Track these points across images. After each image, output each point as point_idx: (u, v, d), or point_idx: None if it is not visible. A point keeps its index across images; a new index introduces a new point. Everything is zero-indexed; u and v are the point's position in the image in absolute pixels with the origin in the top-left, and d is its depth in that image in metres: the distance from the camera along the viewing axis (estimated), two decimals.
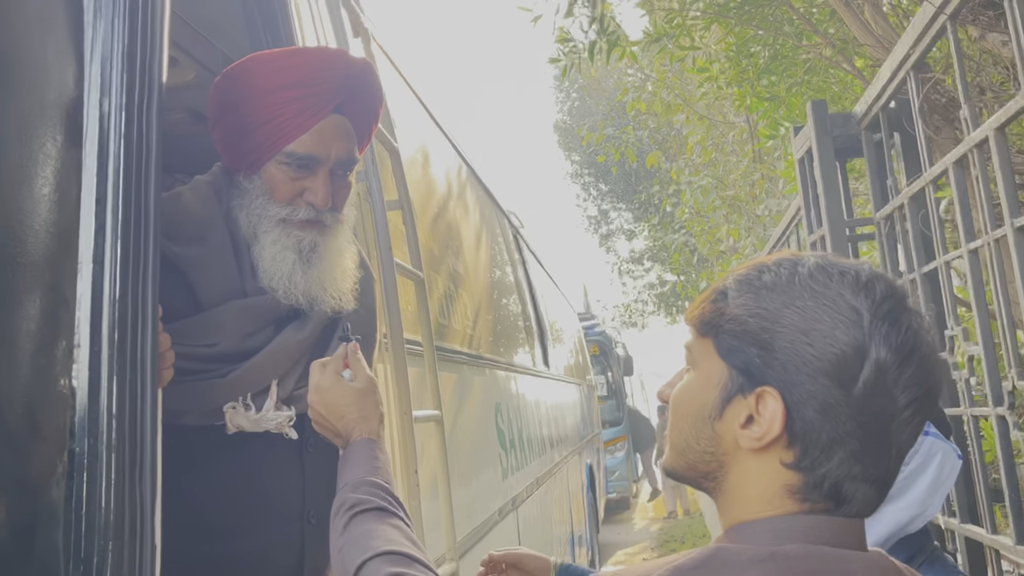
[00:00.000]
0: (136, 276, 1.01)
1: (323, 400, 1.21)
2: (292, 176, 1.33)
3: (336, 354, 1.26)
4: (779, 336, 0.74)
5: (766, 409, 0.75)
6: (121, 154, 1.02)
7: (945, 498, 2.22)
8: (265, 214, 1.33)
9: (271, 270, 1.33)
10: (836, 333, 0.73)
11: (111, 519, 0.94)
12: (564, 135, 20.13)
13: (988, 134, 1.65)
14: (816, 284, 0.75)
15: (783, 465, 0.75)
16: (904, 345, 0.74)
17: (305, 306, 1.34)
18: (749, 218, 8.00)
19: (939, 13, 1.75)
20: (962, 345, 1.95)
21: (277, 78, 1.33)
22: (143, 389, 1.00)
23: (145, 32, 1.09)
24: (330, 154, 1.34)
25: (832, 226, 2.52)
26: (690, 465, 0.82)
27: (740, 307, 0.78)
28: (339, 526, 1.08)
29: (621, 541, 10.07)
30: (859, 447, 0.73)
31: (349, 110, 1.39)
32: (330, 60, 1.40)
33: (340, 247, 1.39)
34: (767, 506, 0.76)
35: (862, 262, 0.79)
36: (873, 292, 0.75)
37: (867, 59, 3.63)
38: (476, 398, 3.30)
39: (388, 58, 2.87)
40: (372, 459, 1.16)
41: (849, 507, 0.76)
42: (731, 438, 0.78)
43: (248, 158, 1.34)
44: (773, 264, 0.79)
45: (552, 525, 5.01)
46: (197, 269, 1.31)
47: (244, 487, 1.37)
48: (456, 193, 3.75)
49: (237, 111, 1.34)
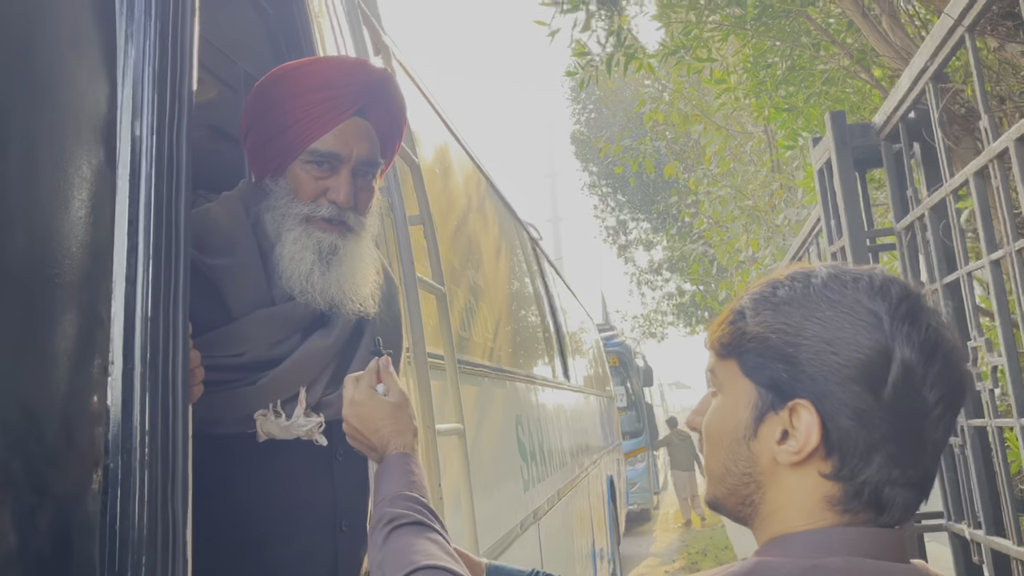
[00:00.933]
0: (167, 295, 1.03)
1: (357, 414, 1.23)
2: (316, 175, 1.37)
3: (369, 368, 1.28)
4: (804, 348, 0.75)
5: (800, 422, 0.75)
6: (152, 176, 1.05)
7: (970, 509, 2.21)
8: (289, 212, 1.37)
9: (289, 269, 1.35)
10: (859, 339, 0.73)
11: (144, 534, 0.96)
12: (581, 146, 20.15)
13: (1008, 145, 1.65)
14: (832, 293, 0.76)
15: (822, 476, 0.76)
16: (927, 343, 0.74)
17: (323, 307, 1.36)
18: (768, 228, 7.97)
19: (957, 24, 1.75)
20: (985, 355, 1.94)
21: (304, 82, 1.39)
22: (175, 406, 1.02)
23: (175, 55, 1.12)
24: (352, 153, 1.38)
25: (852, 237, 2.52)
26: (730, 491, 0.82)
27: (760, 324, 0.78)
28: (378, 540, 1.09)
29: (643, 553, 10.01)
30: (896, 450, 0.74)
31: (371, 115, 1.44)
32: (353, 65, 1.47)
33: (361, 252, 1.42)
34: (807, 519, 0.76)
35: (873, 267, 0.80)
36: (889, 295, 0.75)
37: (885, 69, 3.63)
38: (497, 410, 3.31)
39: (407, 73, 2.90)
40: (408, 473, 1.18)
41: (890, 514, 0.76)
42: (768, 456, 0.78)
43: (276, 160, 1.39)
44: (786, 279, 0.80)
45: (574, 537, 5.00)
46: (227, 279, 1.34)
47: (276, 497, 1.38)
48: (475, 206, 3.78)
49: (268, 116, 1.39)
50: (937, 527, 2.44)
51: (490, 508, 2.84)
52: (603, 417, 7.96)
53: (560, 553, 4.37)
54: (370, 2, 2.30)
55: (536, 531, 3.67)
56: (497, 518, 2.92)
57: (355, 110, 1.40)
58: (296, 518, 1.39)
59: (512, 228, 4.75)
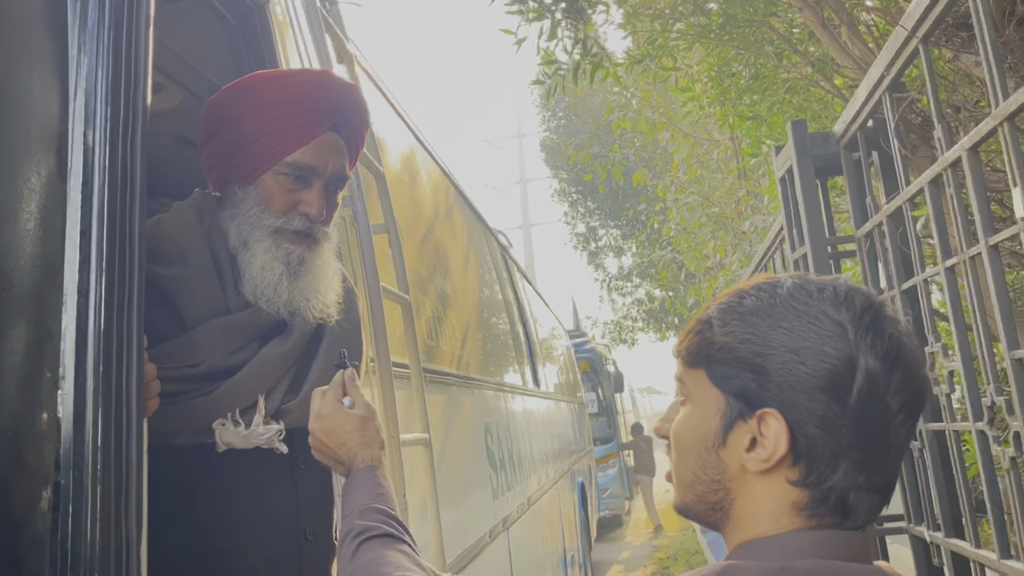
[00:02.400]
0: (121, 307, 1.02)
1: (324, 428, 1.22)
2: (289, 187, 1.38)
3: (334, 381, 1.28)
4: (771, 358, 0.77)
5: (769, 430, 0.76)
6: (106, 187, 1.04)
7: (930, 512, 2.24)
8: (260, 223, 1.37)
9: (258, 278, 1.36)
10: (825, 349, 0.75)
11: (96, 551, 0.95)
12: (551, 153, 20.22)
13: (961, 154, 1.68)
14: (797, 303, 0.78)
15: (789, 483, 0.77)
16: (890, 352, 0.76)
17: (286, 316, 1.37)
18: (735, 234, 8.05)
19: (912, 35, 1.78)
20: (942, 360, 1.97)
21: (276, 94, 1.39)
22: (128, 421, 1.01)
23: (129, 65, 1.11)
24: (327, 168, 1.40)
25: (814, 244, 2.55)
26: (699, 497, 0.83)
27: (728, 334, 0.79)
28: (348, 553, 1.09)
29: (614, 559, 10.03)
30: (861, 456, 0.76)
31: (343, 130, 1.46)
32: (328, 81, 1.48)
33: (325, 261, 1.44)
34: (775, 524, 0.78)
35: (836, 277, 0.81)
36: (853, 305, 0.77)
37: (846, 78, 3.69)
38: (465, 419, 3.30)
39: (373, 81, 2.90)
40: (377, 485, 1.18)
41: (855, 518, 0.78)
42: (737, 464, 0.79)
43: (244, 169, 1.38)
44: (752, 289, 0.81)
45: (544, 544, 5.00)
46: (180, 289, 1.33)
47: (238, 507, 1.37)
48: (443, 213, 3.77)
49: (236, 124, 1.39)
50: (898, 529, 2.48)
51: (458, 517, 2.84)
52: (574, 423, 7.98)
53: (530, 560, 4.37)
54: (333, 11, 2.30)
55: (506, 539, 3.66)
56: (465, 527, 2.91)
57: (330, 125, 1.42)
58: (259, 528, 1.38)
59: (481, 236, 4.75)
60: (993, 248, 1.63)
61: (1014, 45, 2.01)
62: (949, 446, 2.04)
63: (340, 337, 1.44)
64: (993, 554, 1.81)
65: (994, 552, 1.81)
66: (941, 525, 2.13)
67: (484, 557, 3.10)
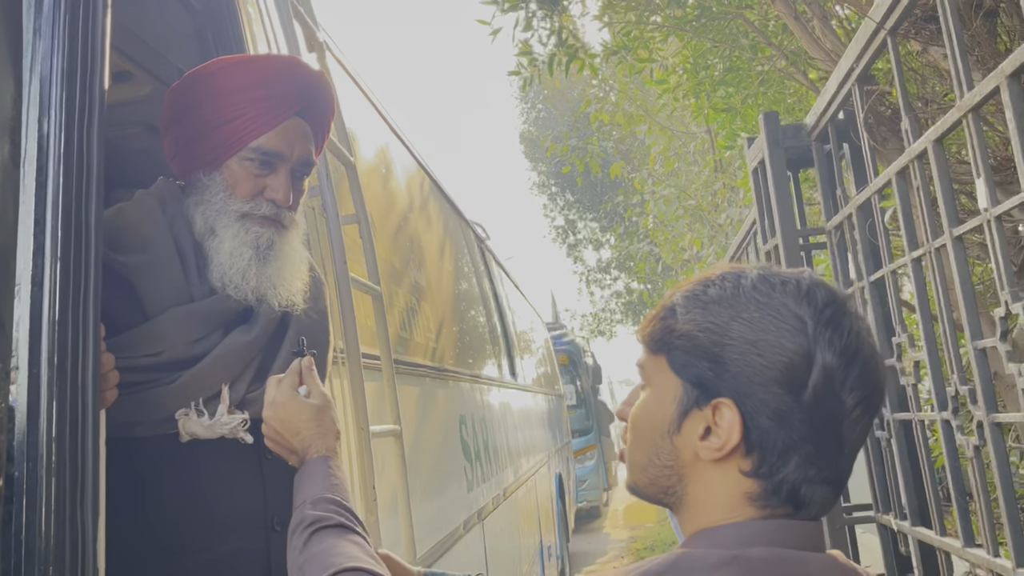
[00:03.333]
0: (77, 297, 1.01)
1: (279, 416, 1.21)
2: (255, 173, 1.37)
3: (291, 369, 1.26)
4: (729, 349, 0.77)
5: (723, 420, 0.77)
6: (61, 174, 1.02)
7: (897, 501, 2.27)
8: (226, 209, 1.36)
9: (227, 264, 1.34)
10: (783, 342, 0.75)
11: (51, 544, 0.93)
12: (530, 146, 20.20)
13: (927, 146, 1.69)
14: (760, 295, 0.78)
15: (742, 473, 0.78)
16: (848, 348, 0.76)
17: (253, 303, 1.35)
18: (711, 227, 8.09)
19: (880, 27, 1.79)
20: (908, 351, 1.99)
21: (240, 79, 1.38)
22: (84, 411, 0.99)
23: (86, 51, 1.09)
24: (293, 153, 1.39)
25: (785, 236, 2.57)
26: (652, 481, 0.84)
27: (689, 323, 0.80)
28: (299, 543, 1.07)
29: (592, 551, 10.07)
30: (813, 450, 0.76)
31: (308, 116, 1.45)
32: (293, 65, 1.47)
33: (293, 248, 1.42)
34: (729, 513, 0.78)
35: (802, 271, 0.81)
36: (815, 299, 0.77)
37: (820, 71, 3.71)
38: (439, 411, 3.29)
39: (345, 70, 2.87)
40: (330, 476, 1.16)
41: (808, 510, 0.78)
42: (690, 451, 0.79)
43: (208, 155, 1.37)
44: (717, 278, 0.81)
45: (520, 536, 5.00)
46: (141, 277, 1.31)
47: (203, 498, 1.36)
48: (418, 205, 3.75)
49: (200, 110, 1.37)
50: (866, 519, 2.50)
51: (432, 509, 2.83)
52: (552, 415, 7.99)
53: (506, 552, 4.37)
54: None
55: (480, 531, 3.66)
56: (439, 519, 2.90)
57: (296, 111, 1.41)
58: (225, 519, 1.37)
59: (458, 228, 4.73)
60: (958, 239, 1.65)
61: (981, 38, 2.03)
62: (916, 436, 2.06)
63: (306, 326, 1.43)
64: (958, 542, 1.83)
65: (959, 540, 1.83)
66: (908, 514, 2.16)
67: (458, 549, 3.10)
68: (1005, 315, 1.49)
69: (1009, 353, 1.51)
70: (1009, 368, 1.49)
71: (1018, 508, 1.62)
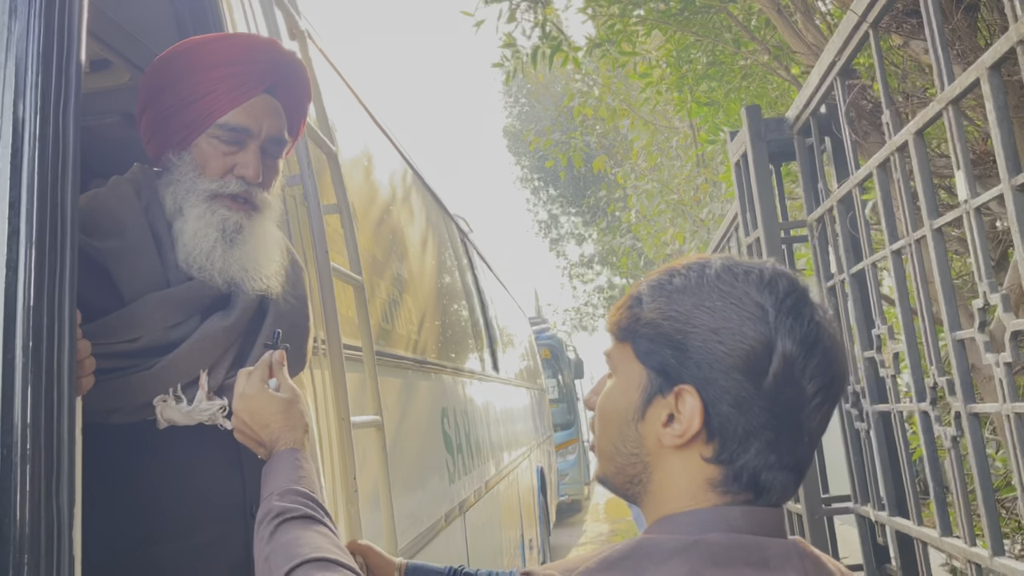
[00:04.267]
0: (52, 282, 0.99)
1: (248, 408, 1.20)
2: (224, 151, 1.35)
3: (261, 362, 1.25)
4: (692, 336, 0.78)
5: (685, 406, 0.78)
6: (36, 158, 1.00)
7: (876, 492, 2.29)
8: (194, 188, 1.35)
9: (191, 245, 1.33)
10: (744, 330, 0.77)
11: (26, 531, 0.92)
12: (513, 140, 20.18)
13: (908, 138, 1.70)
14: (723, 284, 0.79)
15: (704, 460, 0.79)
16: (808, 337, 0.77)
17: (222, 286, 1.34)
18: (693, 221, 8.12)
19: (861, 21, 1.80)
20: (888, 343, 2.01)
21: (212, 57, 1.37)
22: (60, 398, 0.98)
23: (62, 33, 1.07)
24: (261, 129, 1.38)
25: (767, 229, 2.58)
26: (619, 470, 0.85)
27: (654, 311, 0.81)
28: (265, 535, 1.07)
29: (573, 544, 10.11)
30: (774, 437, 0.77)
31: (280, 94, 1.44)
32: (262, 43, 1.46)
33: (265, 231, 1.40)
34: (691, 500, 0.79)
35: (765, 261, 0.83)
36: (776, 289, 0.79)
37: (802, 66, 3.72)
38: (421, 403, 3.28)
39: (327, 60, 2.85)
40: (297, 468, 1.16)
41: (769, 496, 0.79)
42: (654, 438, 0.81)
43: (179, 135, 1.36)
44: (683, 268, 0.83)
45: (502, 529, 5.01)
46: (117, 262, 1.30)
47: (181, 485, 1.35)
48: (400, 197, 3.74)
49: (171, 90, 1.36)
50: (844, 510, 2.52)
51: (413, 501, 2.82)
52: (534, 409, 8.00)
53: (487, 545, 4.38)
54: None
55: (462, 523, 3.66)
56: (421, 511, 2.90)
57: (265, 87, 1.40)
58: (204, 506, 1.37)
59: (440, 220, 4.72)
60: (937, 231, 1.66)
61: (961, 32, 2.05)
62: (894, 427, 2.08)
63: (285, 312, 1.41)
64: (935, 532, 1.85)
65: (936, 530, 1.85)
66: (886, 505, 2.18)
67: (439, 541, 3.10)
68: (984, 306, 1.51)
69: (987, 344, 1.52)
70: (987, 359, 1.50)
71: (995, 498, 1.63)
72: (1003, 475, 3.70)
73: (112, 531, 1.27)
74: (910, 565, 2.16)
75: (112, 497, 1.29)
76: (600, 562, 0.77)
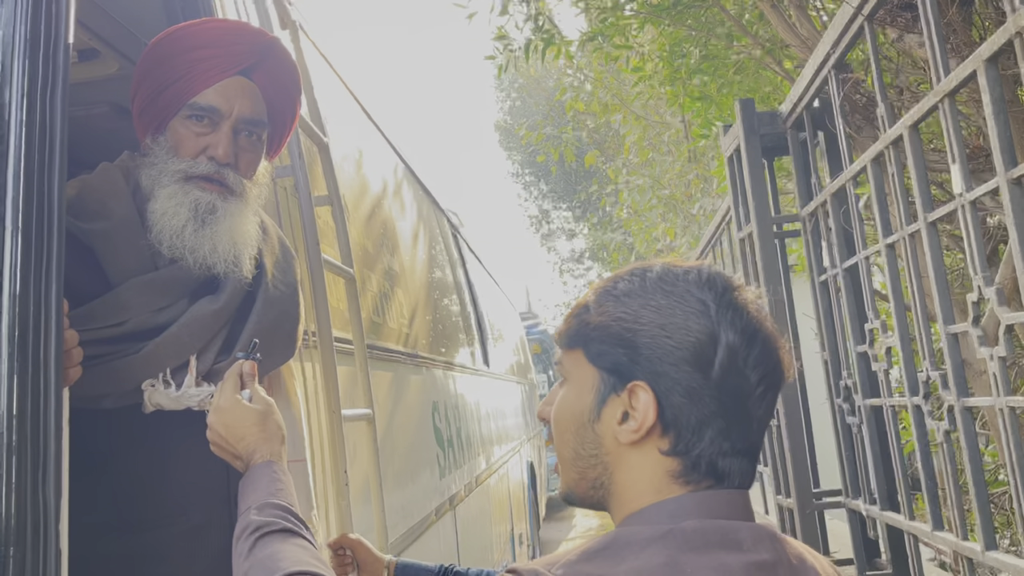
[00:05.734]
0: (39, 272, 0.97)
1: (223, 421, 1.19)
2: (196, 132, 1.35)
3: (231, 372, 1.22)
4: (641, 333, 0.82)
5: (639, 402, 0.81)
6: (23, 145, 0.99)
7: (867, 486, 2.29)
8: (167, 168, 1.34)
9: (160, 223, 1.32)
10: (689, 324, 0.81)
11: (12, 524, 0.91)
12: (505, 134, 20.15)
13: (903, 132, 1.70)
14: (666, 284, 0.84)
15: (661, 453, 0.82)
16: (748, 327, 0.82)
17: (193, 266, 1.32)
18: (685, 217, 8.12)
19: (857, 14, 1.79)
20: (880, 337, 2.00)
21: (190, 40, 1.38)
22: (46, 389, 0.96)
23: (49, 19, 1.05)
24: (232, 110, 1.37)
25: (760, 223, 2.57)
26: (580, 474, 0.88)
27: (602, 315, 0.85)
28: (244, 550, 1.06)
29: (563, 538, 10.12)
30: (724, 424, 0.81)
31: (258, 77, 1.43)
32: (240, 27, 1.47)
33: (243, 215, 1.39)
34: (656, 494, 0.83)
35: (701, 263, 0.88)
36: (715, 285, 0.84)
37: (795, 60, 3.72)
38: (412, 397, 3.27)
39: (319, 52, 2.83)
40: (275, 481, 1.15)
41: (730, 480, 0.83)
42: (611, 437, 0.84)
43: (156, 119, 1.37)
44: (626, 274, 0.88)
45: (492, 523, 5.01)
46: (103, 243, 1.29)
47: (168, 471, 1.35)
48: (392, 190, 3.72)
49: (152, 74, 1.37)
50: (835, 504, 2.53)
51: (404, 495, 2.81)
52: (524, 404, 8.00)
53: (477, 539, 4.37)
54: None
55: (452, 517, 3.65)
56: (411, 505, 2.89)
57: (239, 69, 1.40)
58: (189, 492, 1.37)
59: (432, 214, 4.70)
60: (931, 225, 1.66)
61: (956, 26, 2.04)
62: (886, 422, 2.08)
63: (275, 298, 1.40)
64: (926, 526, 1.85)
65: (927, 524, 1.85)
66: (877, 499, 2.18)
67: (430, 536, 3.09)
68: (977, 300, 1.50)
69: (981, 338, 1.52)
70: (980, 353, 1.50)
71: (987, 492, 1.63)
72: (992, 469, 3.72)
73: (94, 518, 1.26)
74: (900, 559, 2.17)
75: (97, 483, 1.28)
76: (580, 555, 0.79)
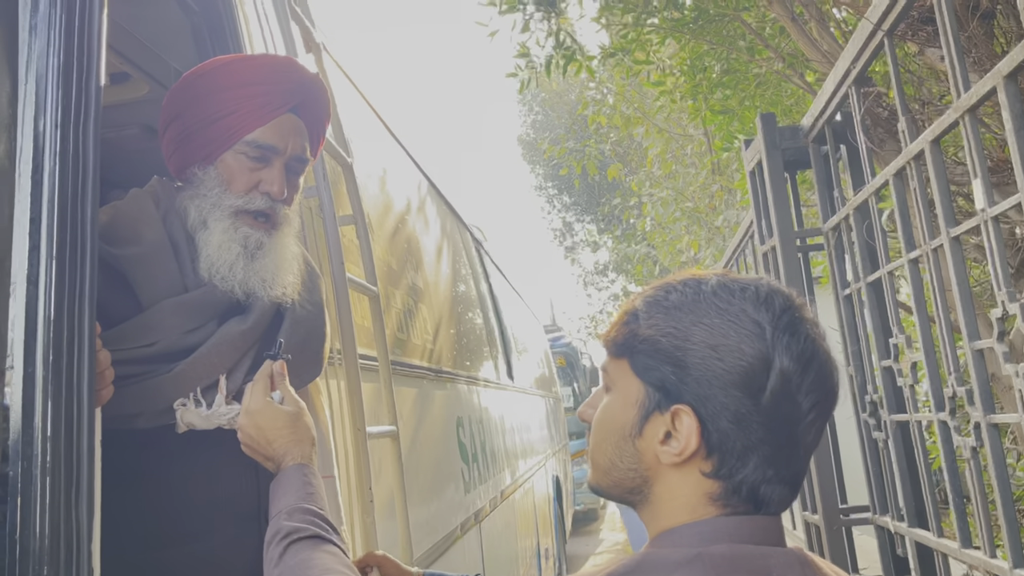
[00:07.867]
0: (72, 296, 1.00)
1: (255, 423, 1.20)
2: (250, 167, 1.39)
3: (261, 374, 1.25)
4: (691, 353, 0.79)
5: (682, 426, 0.79)
6: (56, 173, 1.02)
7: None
8: (220, 203, 1.38)
9: (215, 256, 1.35)
10: (743, 347, 0.78)
11: (46, 544, 0.93)
12: (528, 148, 20.21)
13: (924, 146, 1.69)
14: (720, 301, 0.80)
15: (703, 475, 0.80)
16: (804, 353, 0.79)
17: (240, 296, 1.36)
18: (709, 229, 8.09)
19: (877, 29, 1.79)
20: (905, 352, 1.99)
21: (238, 76, 1.41)
22: (79, 410, 0.99)
23: (82, 49, 1.09)
24: (287, 147, 1.41)
25: (782, 237, 2.57)
26: (616, 483, 0.86)
27: (652, 327, 0.82)
28: (274, 556, 1.07)
29: (590, 553, 10.06)
30: (771, 452, 0.78)
31: (303, 113, 1.47)
32: (288, 64, 1.50)
33: (285, 246, 1.44)
34: (691, 513, 0.81)
35: (760, 278, 0.84)
36: (773, 306, 0.80)
37: (817, 73, 3.71)
38: (437, 412, 3.28)
39: (343, 72, 2.87)
40: (306, 485, 1.16)
41: (767, 508, 0.81)
42: (652, 454, 0.82)
43: (204, 150, 1.39)
44: (679, 284, 0.84)
45: (517, 538, 5.00)
46: (135, 268, 1.32)
47: (199, 489, 1.37)
48: (415, 207, 3.75)
49: (197, 106, 1.39)
50: (863, 520, 2.50)
51: (429, 510, 2.82)
52: (549, 418, 7.98)
53: (503, 554, 4.37)
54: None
55: (477, 533, 3.65)
56: (436, 520, 2.90)
57: (290, 107, 1.43)
58: (219, 510, 1.38)
59: (455, 230, 4.73)
60: (955, 240, 1.65)
61: (977, 40, 2.03)
62: (913, 437, 2.06)
63: (302, 318, 1.44)
64: (955, 543, 1.83)
65: (956, 541, 1.83)
66: (905, 515, 2.16)
67: (455, 551, 3.09)
68: (1002, 316, 1.49)
69: (1006, 354, 1.51)
70: (1006, 369, 1.49)
71: (1015, 509, 1.61)
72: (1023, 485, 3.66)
73: (126, 536, 1.29)
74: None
75: (127, 502, 1.31)
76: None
